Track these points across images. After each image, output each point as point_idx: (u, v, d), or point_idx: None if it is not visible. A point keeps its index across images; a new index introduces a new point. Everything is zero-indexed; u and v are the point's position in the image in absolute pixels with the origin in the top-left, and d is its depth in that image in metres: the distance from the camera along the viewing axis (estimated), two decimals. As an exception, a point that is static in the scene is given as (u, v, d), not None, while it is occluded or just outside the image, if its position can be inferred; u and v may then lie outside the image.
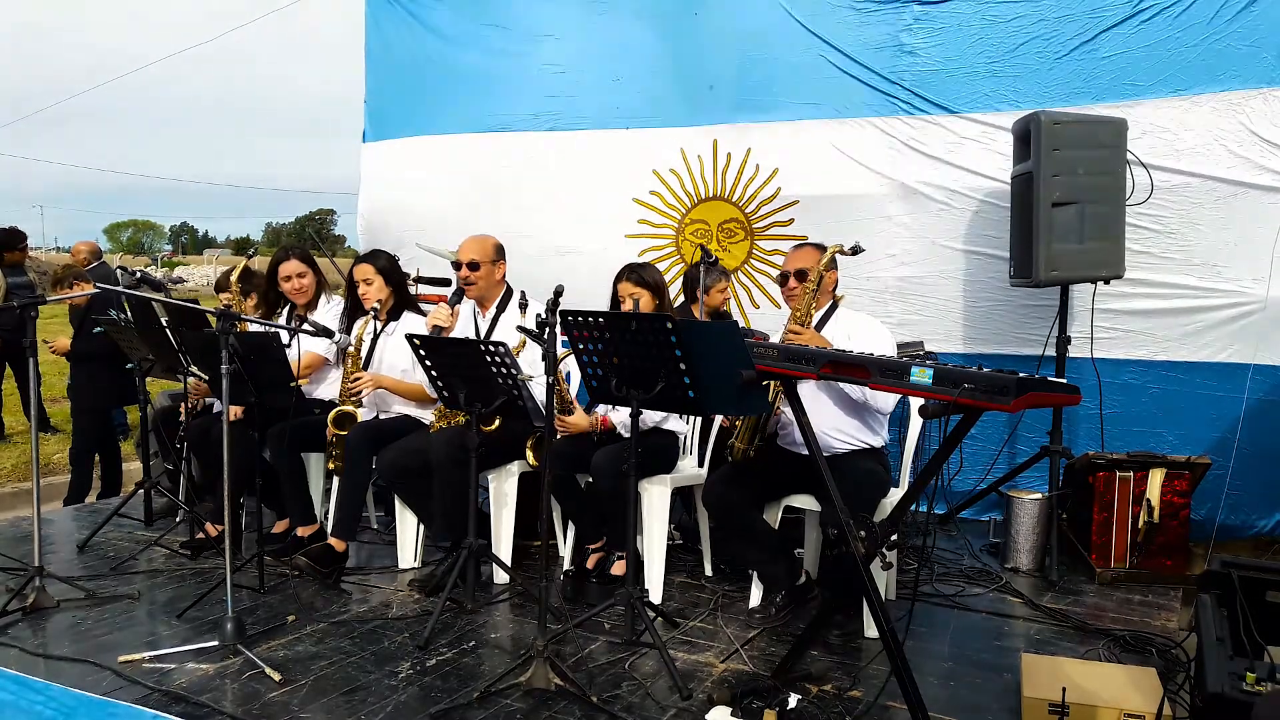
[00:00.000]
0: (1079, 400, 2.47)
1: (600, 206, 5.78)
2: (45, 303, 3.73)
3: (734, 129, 5.49)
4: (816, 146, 5.25)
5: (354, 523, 4.16)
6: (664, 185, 5.70)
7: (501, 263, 4.22)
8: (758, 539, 3.62)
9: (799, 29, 5.24)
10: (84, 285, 5.40)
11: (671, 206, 5.70)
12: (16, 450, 7.58)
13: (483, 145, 6.09)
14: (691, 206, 5.66)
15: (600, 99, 5.77)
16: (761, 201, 5.46)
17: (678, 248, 5.69)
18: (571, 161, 5.86)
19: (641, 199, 5.73)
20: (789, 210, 5.38)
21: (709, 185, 5.60)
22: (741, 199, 5.52)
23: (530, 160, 5.94)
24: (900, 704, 2.71)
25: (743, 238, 5.54)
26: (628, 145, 5.74)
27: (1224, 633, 2.55)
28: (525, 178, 5.96)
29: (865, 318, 3.81)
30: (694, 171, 5.63)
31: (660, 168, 5.68)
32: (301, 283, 4.59)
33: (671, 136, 5.65)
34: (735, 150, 5.50)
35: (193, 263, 53.25)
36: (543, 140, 5.92)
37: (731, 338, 2.93)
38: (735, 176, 5.52)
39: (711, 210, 5.62)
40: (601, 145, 5.79)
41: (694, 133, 5.58)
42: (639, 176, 5.71)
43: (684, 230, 5.67)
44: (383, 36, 6.46)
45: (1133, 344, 4.66)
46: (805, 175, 5.31)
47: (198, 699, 2.89)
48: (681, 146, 5.63)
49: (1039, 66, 4.77)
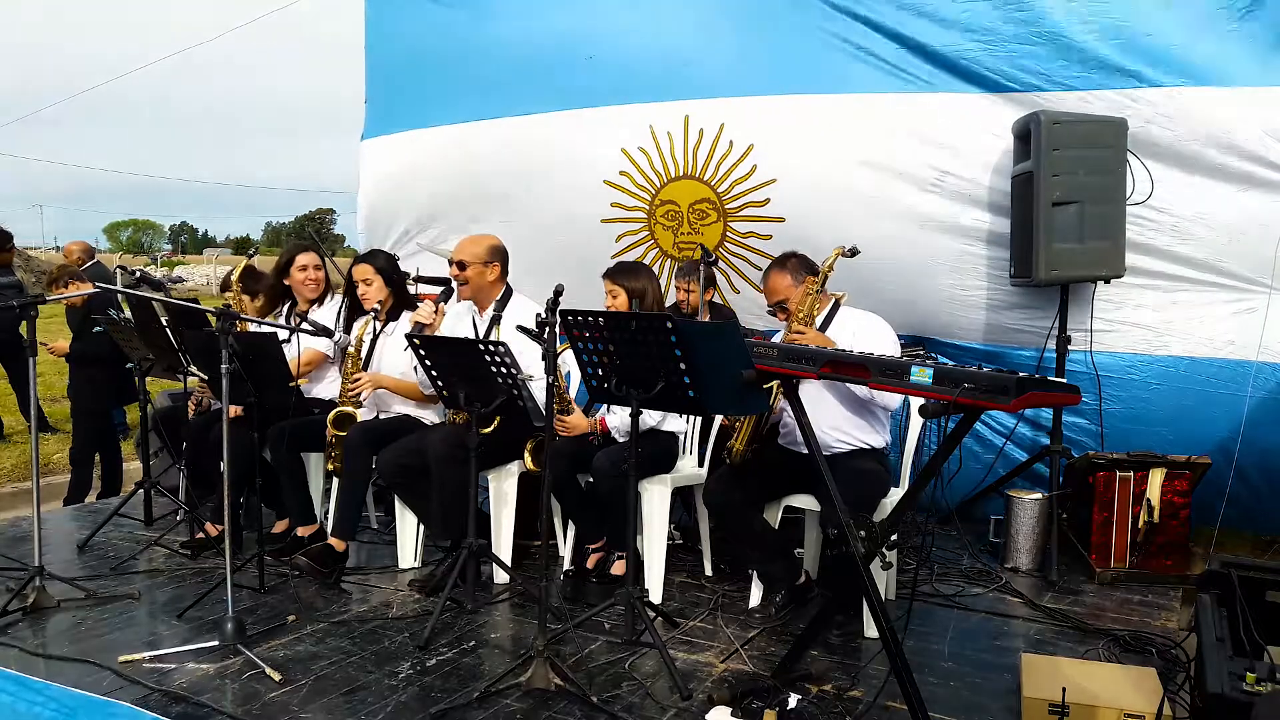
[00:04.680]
0: (1079, 400, 2.47)
1: (575, 192, 5.58)
2: (45, 302, 3.72)
3: (705, 104, 5.18)
4: (794, 123, 4.98)
5: (354, 523, 4.16)
6: (633, 165, 5.43)
7: (495, 264, 4.13)
8: (758, 539, 3.62)
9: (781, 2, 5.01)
10: (80, 285, 5.39)
11: (641, 187, 5.45)
12: (16, 450, 7.57)
13: (469, 134, 5.97)
14: (661, 186, 5.40)
15: (572, 79, 5.53)
16: (735, 180, 5.17)
17: (650, 231, 5.48)
18: (547, 145, 5.66)
19: (612, 180, 5.48)
20: (765, 190, 5.10)
21: (679, 164, 5.31)
22: (714, 178, 5.23)
23: (507, 146, 5.78)
24: (900, 704, 2.71)
25: (716, 219, 5.27)
26: (596, 123, 5.49)
27: (1224, 633, 2.56)
28: (500, 165, 5.80)
29: (868, 315, 3.76)
30: (663, 149, 5.34)
31: (629, 146, 5.41)
32: (317, 274, 4.65)
33: (639, 113, 5.35)
34: (708, 126, 5.18)
35: (192, 262, 53.22)
36: (519, 125, 5.76)
37: (732, 338, 2.93)
38: (707, 154, 5.22)
39: (682, 190, 5.33)
40: (574, 125, 5.56)
41: (663, 108, 5.28)
42: (608, 157, 5.45)
43: (655, 213, 5.43)
44: (381, 33, 6.45)
45: (1133, 342, 4.64)
46: (782, 153, 5.04)
47: (198, 699, 2.89)
48: (650, 123, 5.33)
49: (1042, 44, 4.50)
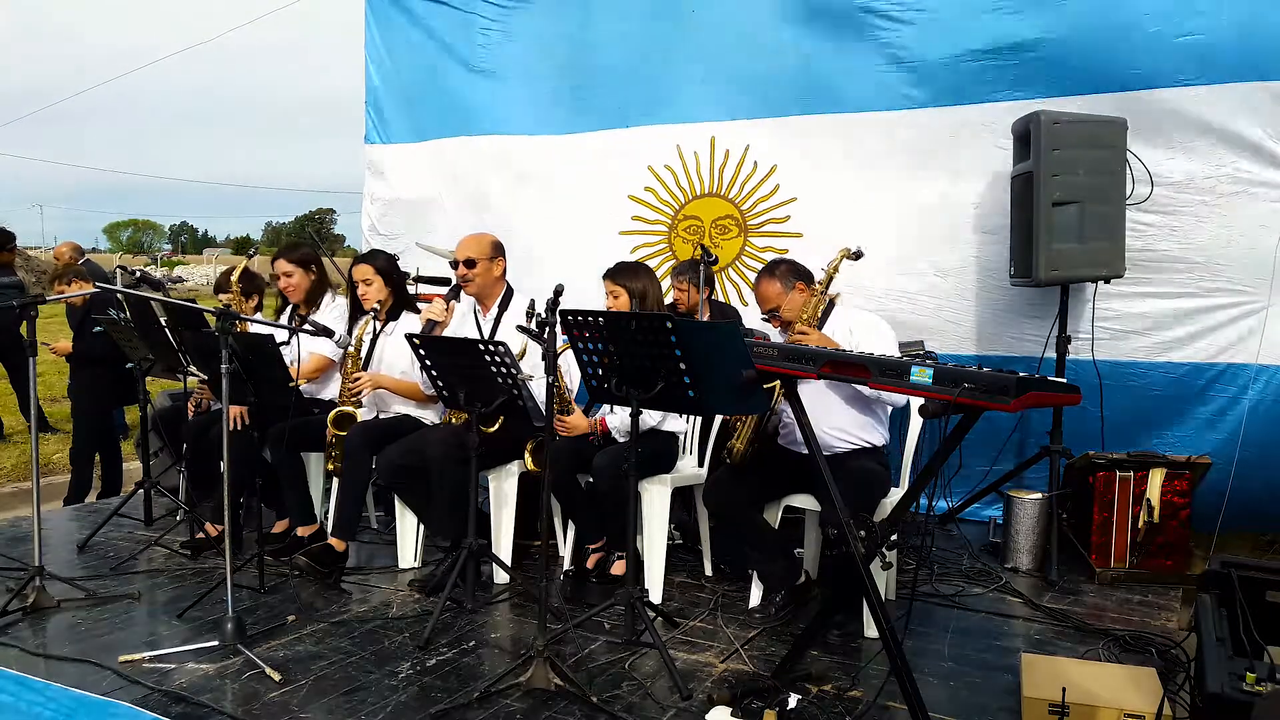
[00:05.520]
0: (1079, 400, 2.46)
1: (597, 204, 5.77)
2: (45, 302, 3.72)
3: (732, 126, 5.46)
4: (816, 143, 5.23)
5: (354, 523, 4.16)
6: (659, 181, 5.69)
7: (500, 259, 4.21)
8: (758, 539, 3.62)
9: (794, 26, 5.21)
10: (82, 284, 5.38)
11: (665, 203, 5.69)
12: (16, 450, 7.57)
13: (481, 148, 6.14)
14: (685, 203, 5.64)
15: (597, 99, 5.78)
16: (759, 199, 5.44)
17: (670, 244, 5.68)
18: (569, 162, 5.88)
19: (636, 195, 5.73)
20: (786, 208, 5.36)
21: (704, 182, 5.59)
22: (738, 196, 5.50)
23: (527, 162, 5.99)
24: (900, 704, 2.71)
25: (736, 234, 5.51)
26: (625, 143, 5.73)
27: (1224, 633, 2.55)
28: (521, 180, 6.01)
29: (865, 314, 3.80)
30: (689, 168, 5.62)
31: (656, 164, 5.68)
32: (288, 281, 4.58)
33: (668, 133, 5.63)
34: (734, 147, 5.48)
35: (192, 262, 53.24)
36: (536, 143, 5.98)
37: (731, 337, 2.93)
38: (733, 174, 5.51)
39: (706, 207, 5.60)
40: (600, 145, 5.80)
41: (691, 129, 5.57)
42: (635, 173, 5.71)
43: (676, 227, 5.66)
44: (383, 40, 6.49)
45: (1133, 343, 4.65)
46: (804, 172, 5.29)
47: (198, 699, 2.89)
48: (678, 143, 5.61)
49: (1044, 56, 4.65)
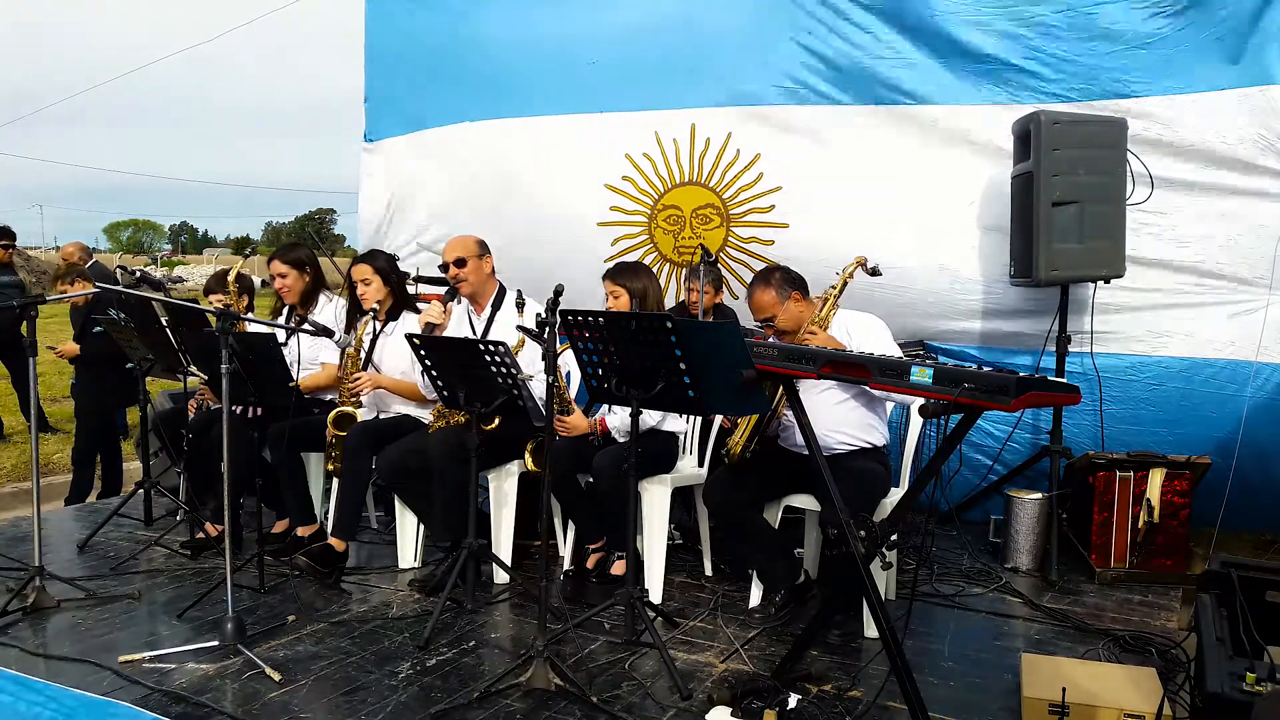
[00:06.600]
0: (1079, 400, 2.47)
1: (573, 194, 5.63)
2: (45, 302, 3.72)
3: (713, 113, 5.27)
4: (801, 132, 5.09)
5: (354, 523, 4.16)
6: (636, 170, 5.51)
7: (487, 257, 4.22)
8: (758, 539, 3.62)
9: (783, 13, 5.08)
10: (85, 284, 5.39)
11: (644, 192, 5.52)
12: (16, 450, 7.57)
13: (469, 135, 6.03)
14: (665, 191, 5.47)
15: (571, 82, 5.61)
16: (741, 187, 5.26)
17: (650, 235, 5.53)
18: (545, 149, 5.73)
19: (613, 184, 5.56)
20: (771, 197, 5.18)
21: (684, 170, 5.42)
22: (719, 185, 5.34)
23: (502, 148, 5.85)
24: (900, 704, 2.71)
25: (719, 224, 5.35)
26: (599, 129, 5.56)
27: (1224, 633, 2.55)
28: (492, 167, 5.88)
29: (861, 315, 3.76)
30: (669, 156, 5.43)
31: (633, 152, 5.49)
32: (283, 283, 4.58)
33: (645, 120, 5.43)
34: (715, 135, 5.30)
35: (192, 262, 53.20)
36: (515, 126, 5.83)
37: (731, 338, 2.93)
38: (714, 162, 5.32)
39: (686, 195, 5.42)
40: (573, 130, 5.63)
41: (669, 116, 5.37)
42: (611, 161, 5.51)
43: (656, 217, 5.50)
44: (382, 34, 6.45)
45: (1133, 342, 4.64)
46: (789, 162, 5.13)
47: (198, 699, 2.89)
48: (656, 130, 5.41)
49: (1055, 54, 4.60)
